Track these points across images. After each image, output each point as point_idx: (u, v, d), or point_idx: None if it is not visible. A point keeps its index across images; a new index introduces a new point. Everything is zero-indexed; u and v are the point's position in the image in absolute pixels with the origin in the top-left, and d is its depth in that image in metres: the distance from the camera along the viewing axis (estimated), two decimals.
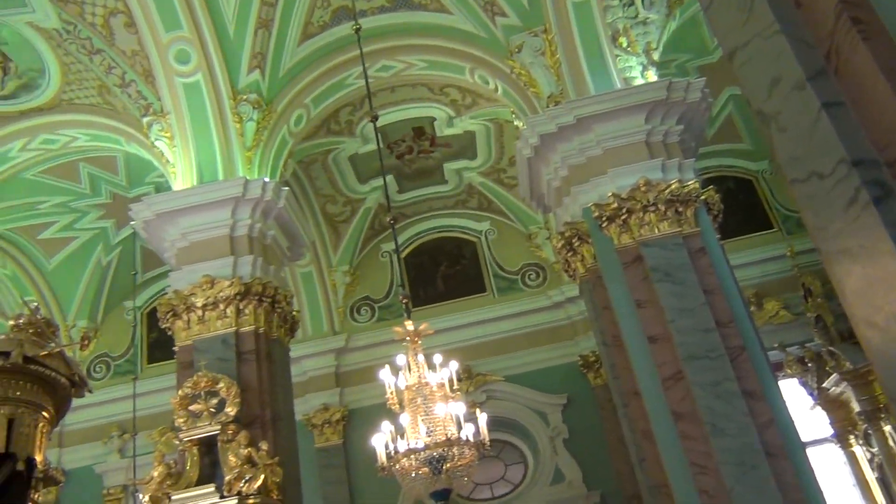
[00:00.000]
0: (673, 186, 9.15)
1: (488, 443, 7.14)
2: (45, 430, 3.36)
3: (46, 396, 3.26)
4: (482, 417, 7.20)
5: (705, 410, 7.93)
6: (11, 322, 3.02)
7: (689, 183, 9.27)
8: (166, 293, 10.32)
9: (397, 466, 6.82)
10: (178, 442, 8.94)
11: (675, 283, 8.65)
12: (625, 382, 9.05)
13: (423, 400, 6.95)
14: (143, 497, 8.52)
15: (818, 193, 2.67)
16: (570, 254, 10.02)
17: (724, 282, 8.86)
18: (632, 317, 8.76)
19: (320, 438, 14.36)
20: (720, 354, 8.19)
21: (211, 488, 8.27)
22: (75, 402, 3.83)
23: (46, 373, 3.20)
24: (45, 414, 3.24)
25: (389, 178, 14.38)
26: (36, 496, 3.41)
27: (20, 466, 3.10)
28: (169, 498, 8.24)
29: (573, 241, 9.86)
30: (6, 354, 3.07)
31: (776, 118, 2.89)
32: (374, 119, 8.88)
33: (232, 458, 8.44)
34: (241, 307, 9.75)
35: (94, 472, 14.52)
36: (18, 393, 3.09)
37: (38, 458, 3.28)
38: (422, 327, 7.53)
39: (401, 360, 7.41)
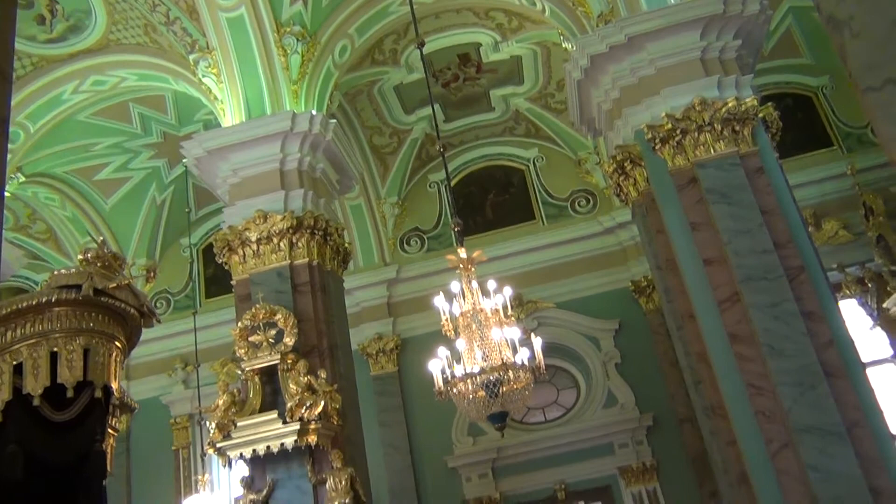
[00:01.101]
0: (729, 105, 8.85)
1: (543, 367, 7.21)
2: (118, 360, 3.48)
3: (118, 327, 3.36)
4: (537, 342, 7.24)
5: (762, 332, 7.84)
6: (80, 256, 3.10)
7: (747, 100, 8.95)
8: (221, 229, 10.51)
9: (454, 391, 6.93)
10: (240, 372, 9.25)
11: (732, 204, 8.45)
12: (679, 306, 8.99)
13: (478, 326, 7.02)
14: (210, 424, 8.88)
15: (894, 101, 2.54)
16: (622, 178, 9.85)
17: (783, 202, 8.63)
18: (686, 239, 8.63)
19: (375, 367, 14.69)
20: (778, 276, 8.05)
21: (274, 414, 8.57)
22: (140, 336, 3.94)
23: (116, 304, 3.29)
24: (117, 344, 3.35)
25: (436, 106, 14.22)
26: (113, 422, 3.56)
27: (98, 394, 3.22)
28: (234, 424, 8.56)
29: (625, 164, 9.67)
30: (77, 287, 3.16)
31: (849, 23, 2.74)
32: (421, 45, 8.72)
33: (292, 386, 8.70)
34: (294, 241, 9.89)
35: (161, 402, 15.15)
36: (92, 324, 3.19)
37: (114, 385, 3.41)
38: (475, 254, 7.54)
39: (455, 287, 7.45)
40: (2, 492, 2.88)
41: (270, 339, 9.00)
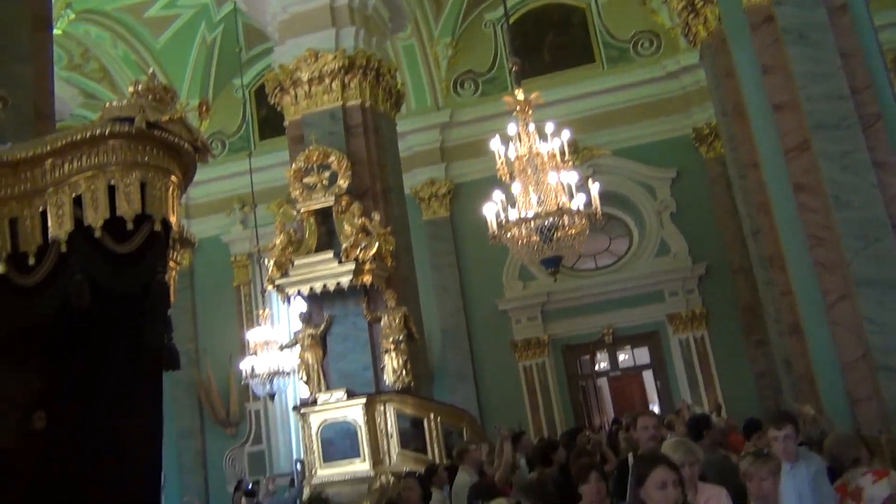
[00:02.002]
0: None
1: (600, 213, 7.10)
2: (175, 195, 3.45)
3: (172, 162, 3.31)
4: (594, 187, 7.10)
5: (829, 182, 7.52)
6: (131, 88, 3.00)
7: None
8: (272, 70, 10.32)
9: (508, 235, 6.91)
10: (295, 213, 9.38)
11: (809, 45, 7.87)
12: (743, 154, 8.66)
13: (534, 170, 6.87)
14: (269, 262, 9.14)
15: None
16: (691, 15, 9.24)
17: (865, 44, 8.00)
18: (757, 83, 8.15)
19: (428, 211, 14.78)
20: (852, 123, 7.59)
21: (329, 254, 8.75)
22: (198, 177, 3.91)
23: (170, 138, 3.22)
24: (173, 179, 3.31)
25: None
26: (174, 256, 3.60)
27: (157, 227, 3.22)
28: (292, 263, 8.79)
29: (696, 1, 9.02)
30: (130, 120, 3.09)
31: None
32: None
33: (347, 228, 8.82)
34: (346, 81, 9.68)
35: (220, 241, 15.64)
36: (147, 158, 3.14)
37: (172, 220, 3.41)
38: (532, 96, 7.27)
39: (511, 129, 7.25)
40: (72, 319, 2.98)
41: (324, 181, 9.04)
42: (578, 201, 6.90)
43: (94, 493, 3.47)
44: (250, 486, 11.23)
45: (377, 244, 8.81)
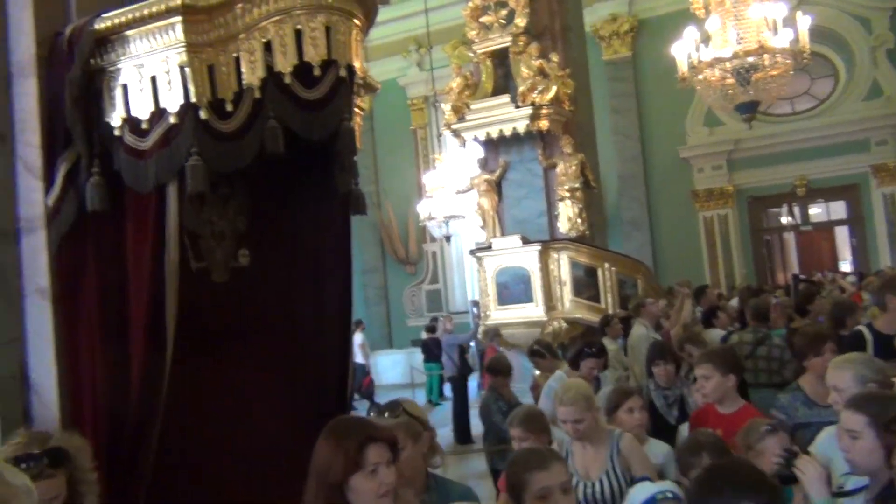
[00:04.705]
0: None
1: (808, 50, 6.33)
2: (358, 39, 3.41)
3: (355, 3, 3.24)
4: (803, 21, 6.29)
5: None
6: None
7: None
8: None
9: (699, 77, 6.37)
10: (472, 54, 9.17)
11: None
12: None
13: (734, 2, 6.15)
14: (445, 106, 9.10)
15: None
16: None
17: None
18: None
19: (608, 51, 13.98)
20: None
21: (506, 98, 8.56)
22: (377, 14, 3.81)
23: None
24: (356, 22, 3.26)
25: None
26: (358, 101, 3.61)
27: (342, 72, 3.22)
28: (468, 107, 8.70)
29: None
30: None
31: None
32: None
33: (524, 70, 8.53)
34: None
35: (397, 84, 15.76)
36: (330, 0, 3.08)
37: (357, 64, 3.39)
38: None
39: None
40: (270, 165, 3.09)
41: (501, 20, 8.69)
42: (783, 38, 6.15)
43: (293, 324, 3.76)
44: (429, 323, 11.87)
45: (555, 87, 8.48)
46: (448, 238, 12.87)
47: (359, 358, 10.96)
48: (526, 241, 8.45)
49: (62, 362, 2.88)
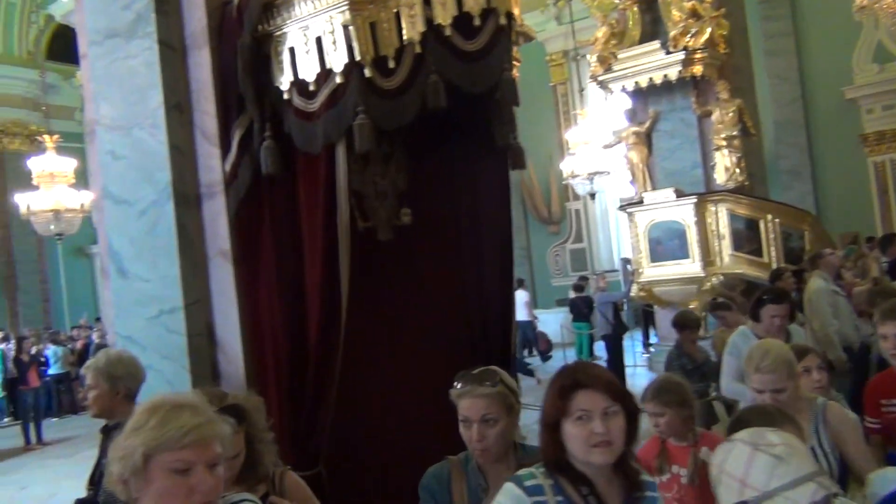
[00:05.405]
0: None
1: None
2: None
3: None
4: None
5: None
6: None
7: None
8: None
9: (880, 5, 5.77)
10: (616, 1, 8.78)
11: None
12: None
13: None
14: (590, 58, 8.79)
15: None
16: None
17: None
18: None
19: None
20: None
21: (655, 45, 8.15)
22: None
23: None
24: None
25: None
26: (514, 51, 3.51)
27: (502, 20, 3.14)
28: (615, 57, 8.36)
29: None
30: None
31: None
32: None
33: (675, 13, 8.07)
34: None
35: (535, 39, 15.38)
36: None
37: (515, 12, 3.29)
38: None
39: None
40: (426, 121, 3.06)
41: None
42: None
43: (455, 282, 3.75)
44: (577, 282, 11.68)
45: (709, 29, 7.98)
46: (593, 195, 12.55)
47: (524, 315, 10.87)
48: (680, 193, 8.07)
49: (245, 321, 3.00)
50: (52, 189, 11.00)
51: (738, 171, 8.30)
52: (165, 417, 1.24)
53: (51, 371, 10.86)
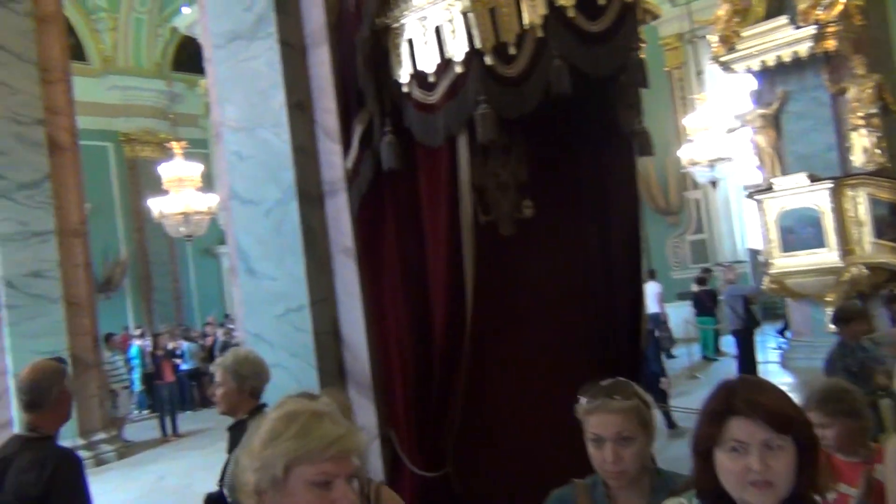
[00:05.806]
0: None
1: None
2: None
3: None
4: None
5: None
6: None
7: None
8: None
9: None
10: None
11: None
12: None
13: None
14: (711, 38, 8.37)
15: None
16: None
17: None
18: None
19: None
20: None
21: (783, 20, 7.64)
22: None
23: None
24: None
25: None
26: (640, 31, 3.33)
27: None
28: (738, 35, 7.91)
29: None
30: None
31: None
32: None
33: None
34: None
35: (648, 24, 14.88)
36: None
37: None
38: None
39: None
40: (546, 109, 2.93)
41: None
42: None
43: (581, 275, 3.61)
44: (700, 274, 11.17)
45: (842, 0, 7.43)
46: (714, 183, 11.99)
47: (656, 308, 10.39)
48: (814, 178, 7.56)
49: (369, 318, 2.97)
50: (180, 193, 11.55)
51: (878, 151, 7.70)
52: (306, 427, 1.16)
53: (184, 366, 11.41)
